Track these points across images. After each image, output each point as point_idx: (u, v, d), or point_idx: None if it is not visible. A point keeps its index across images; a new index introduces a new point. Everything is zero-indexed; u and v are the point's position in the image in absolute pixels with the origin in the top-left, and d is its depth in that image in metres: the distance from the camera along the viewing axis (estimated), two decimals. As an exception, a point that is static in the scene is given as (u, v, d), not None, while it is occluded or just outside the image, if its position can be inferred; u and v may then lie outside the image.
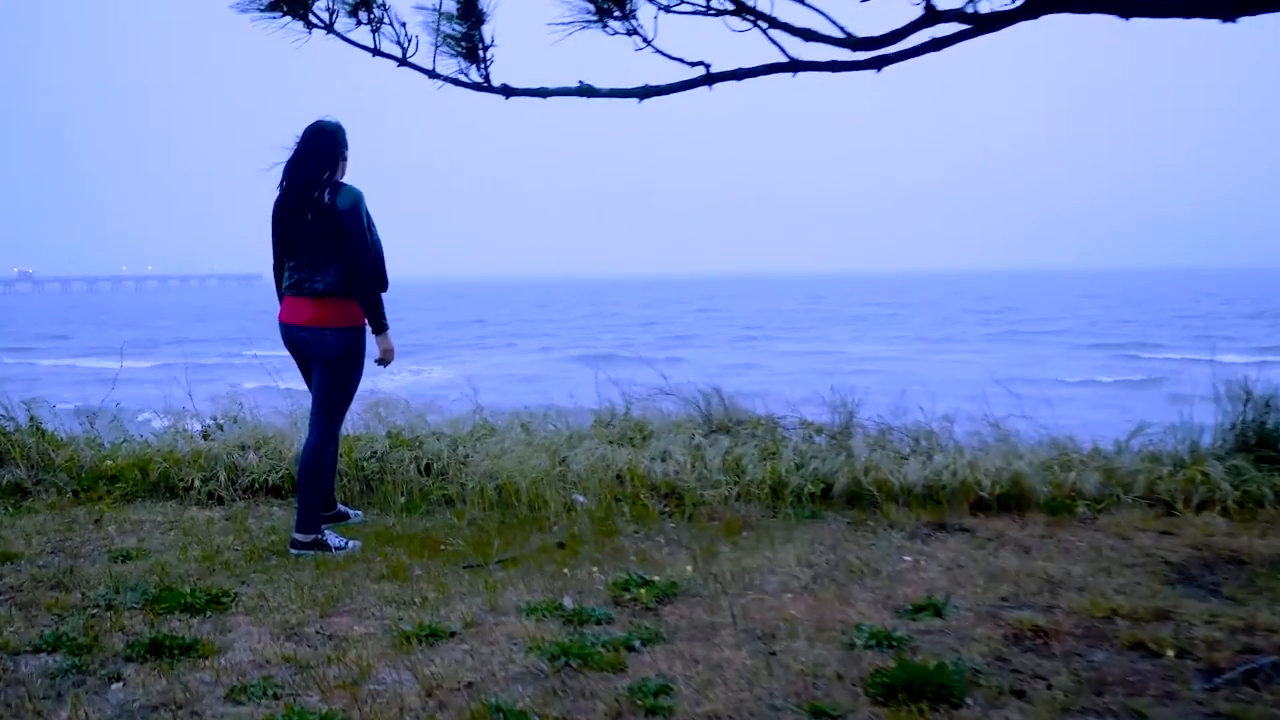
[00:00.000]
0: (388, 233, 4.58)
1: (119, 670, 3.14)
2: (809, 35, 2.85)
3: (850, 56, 3.00)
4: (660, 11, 2.81)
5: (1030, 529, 4.83)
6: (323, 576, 4.13)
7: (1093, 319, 57.26)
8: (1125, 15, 2.68)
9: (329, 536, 4.52)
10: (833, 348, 40.44)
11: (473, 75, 2.86)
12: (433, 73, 2.85)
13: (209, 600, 3.77)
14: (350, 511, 5.02)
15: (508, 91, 2.91)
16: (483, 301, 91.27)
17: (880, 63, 3.01)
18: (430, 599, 3.83)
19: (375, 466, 5.32)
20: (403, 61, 2.83)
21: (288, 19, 3.05)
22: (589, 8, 2.77)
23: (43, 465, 5.61)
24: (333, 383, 4.49)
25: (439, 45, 2.79)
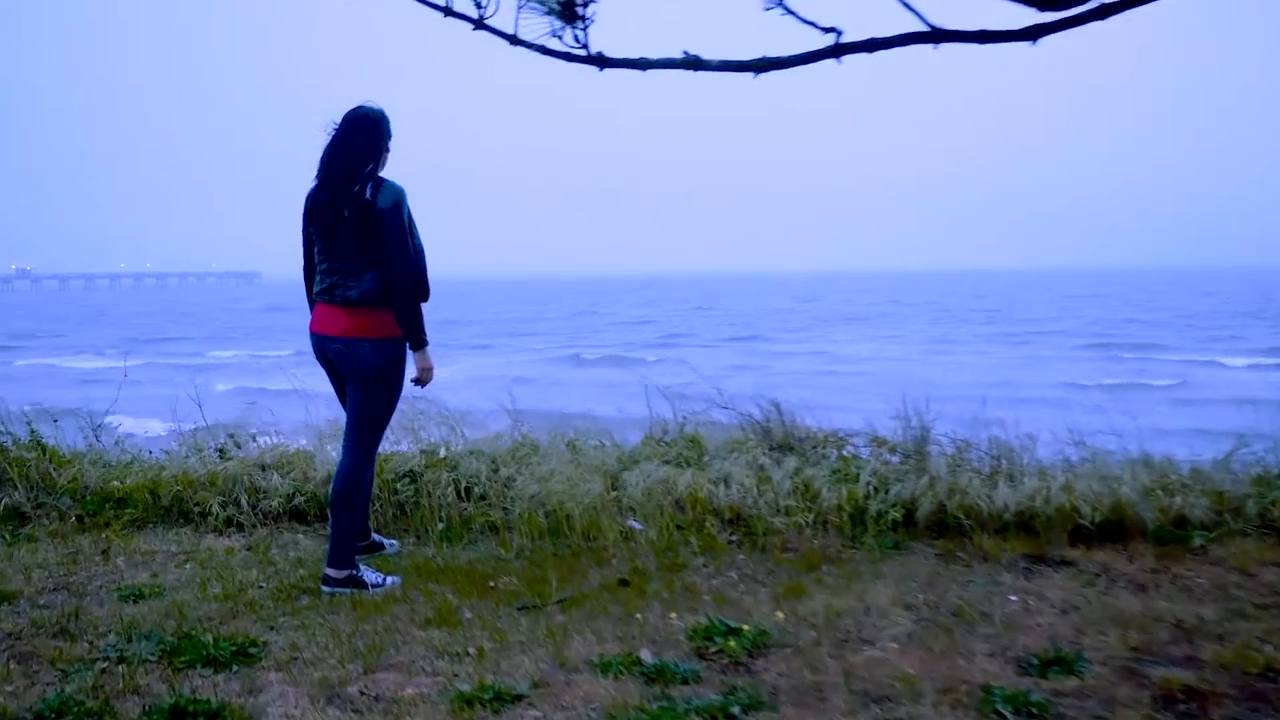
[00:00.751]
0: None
1: (136, 748, 2.67)
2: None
3: (1005, 26, 2.51)
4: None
5: (1139, 562, 4.35)
6: (362, 621, 3.65)
7: (1093, 319, 56.67)
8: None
9: (365, 573, 4.04)
10: (828, 347, 39.73)
11: (566, 38, 2.38)
12: (514, 38, 2.37)
13: (235, 652, 3.29)
14: (385, 541, 4.54)
15: (603, 62, 2.43)
16: (476, 300, 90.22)
17: (1037, 33, 2.52)
18: (487, 650, 3.35)
19: (410, 490, 4.83)
20: (479, 24, 2.36)
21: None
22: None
23: (44, 486, 5.13)
24: (370, 400, 4.01)
25: (525, 2, 2.31)
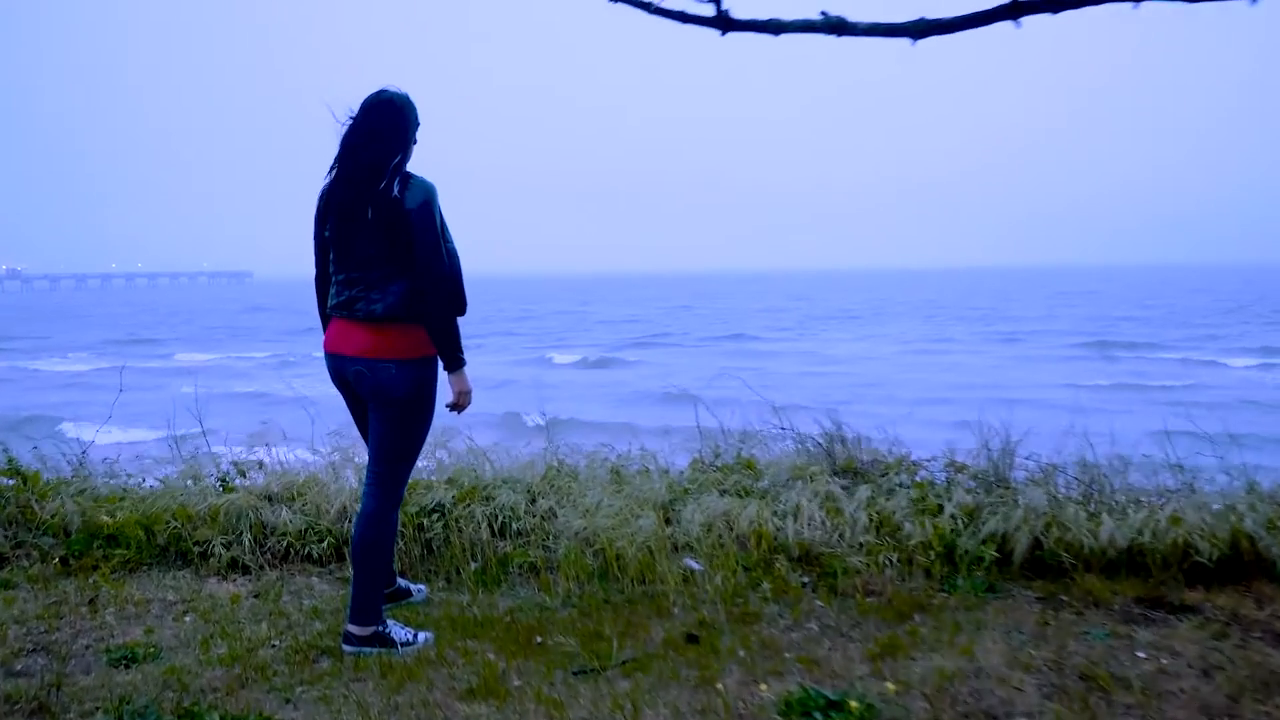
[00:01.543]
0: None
1: None
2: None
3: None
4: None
5: (1270, 608, 3.83)
6: (393, 692, 3.11)
7: (1090, 316, 56.21)
8: None
9: (393, 629, 3.50)
10: (817, 346, 39.10)
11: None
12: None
13: (247, 737, 2.76)
14: (412, 586, 4.00)
15: (728, 24, 1.92)
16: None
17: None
18: (546, 732, 2.83)
19: (438, 526, 4.29)
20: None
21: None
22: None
23: (23, 522, 4.57)
24: (397, 431, 3.47)
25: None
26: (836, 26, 1.95)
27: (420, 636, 3.53)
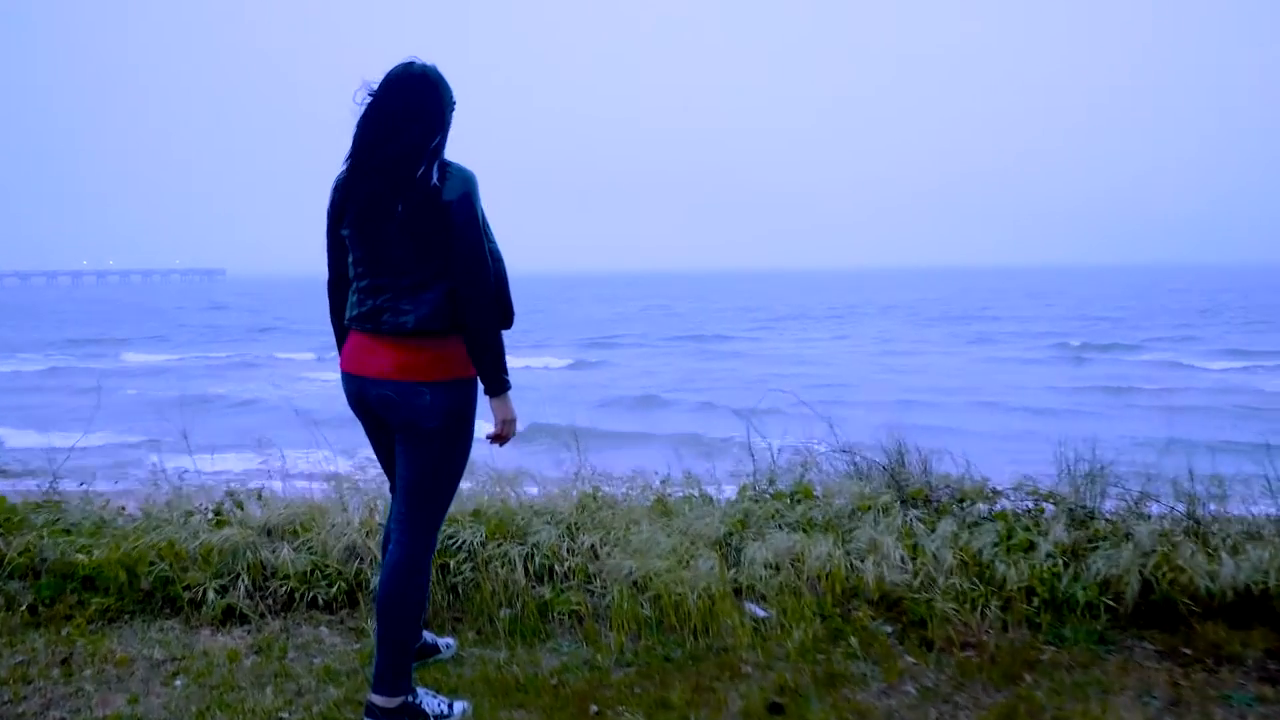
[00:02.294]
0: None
1: None
2: None
3: None
4: None
5: None
6: (432, 785, 2.59)
7: (1068, 314, 55.93)
8: None
9: (423, 698, 2.96)
10: (774, 348, 38.28)
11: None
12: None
13: None
14: (440, 641, 3.45)
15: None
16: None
17: None
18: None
19: (465, 568, 3.75)
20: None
21: None
22: None
23: (-13, 561, 3.98)
24: (431, 465, 2.93)
25: None
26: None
27: (456, 708, 3.00)
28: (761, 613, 3.63)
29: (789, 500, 4.29)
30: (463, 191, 2.80)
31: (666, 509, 4.18)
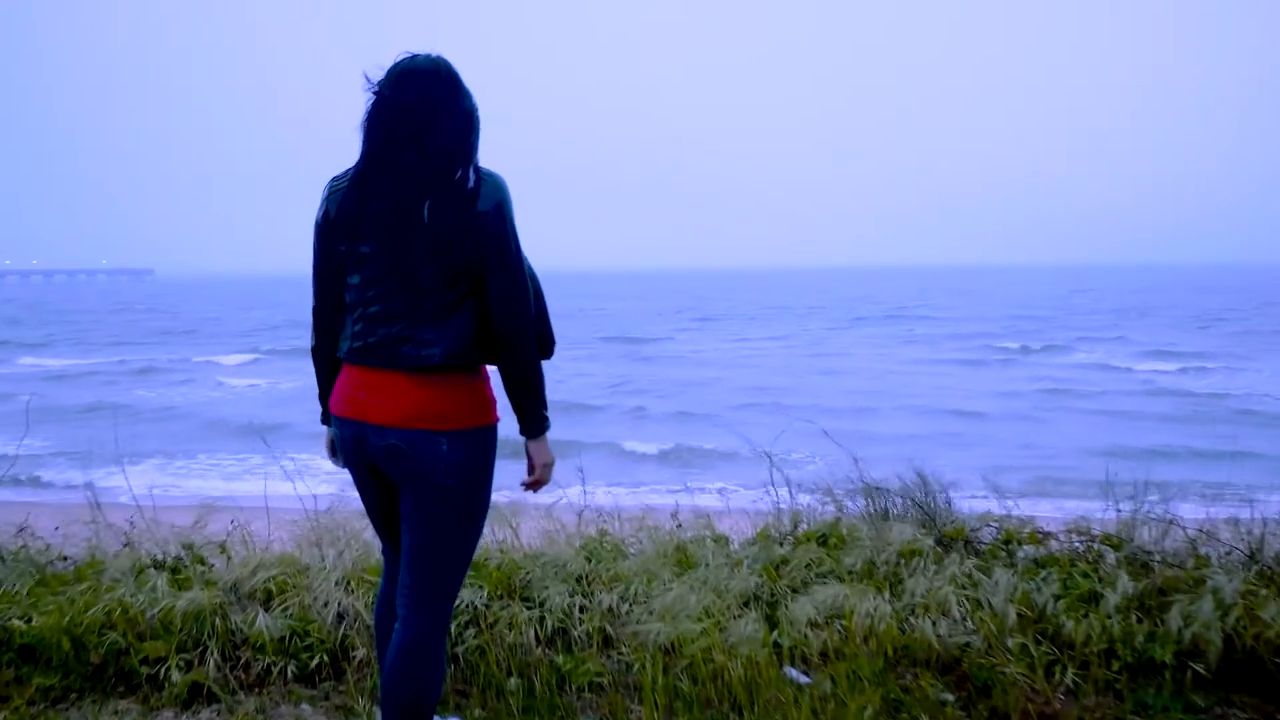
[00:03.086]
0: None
1: None
2: None
3: None
4: None
5: None
6: None
7: (993, 314, 56.14)
8: None
9: (435, 798, 2.51)
10: (688, 350, 37.71)
11: None
12: None
13: None
14: (445, 723, 3.00)
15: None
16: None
17: None
18: None
19: (469, 635, 3.28)
20: None
21: None
22: None
23: (-95, 630, 3.42)
24: (448, 528, 2.48)
25: None
26: None
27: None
28: (804, 678, 3.23)
29: (818, 544, 3.89)
30: (497, 200, 2.36)
31: (686, 557, 3.76)
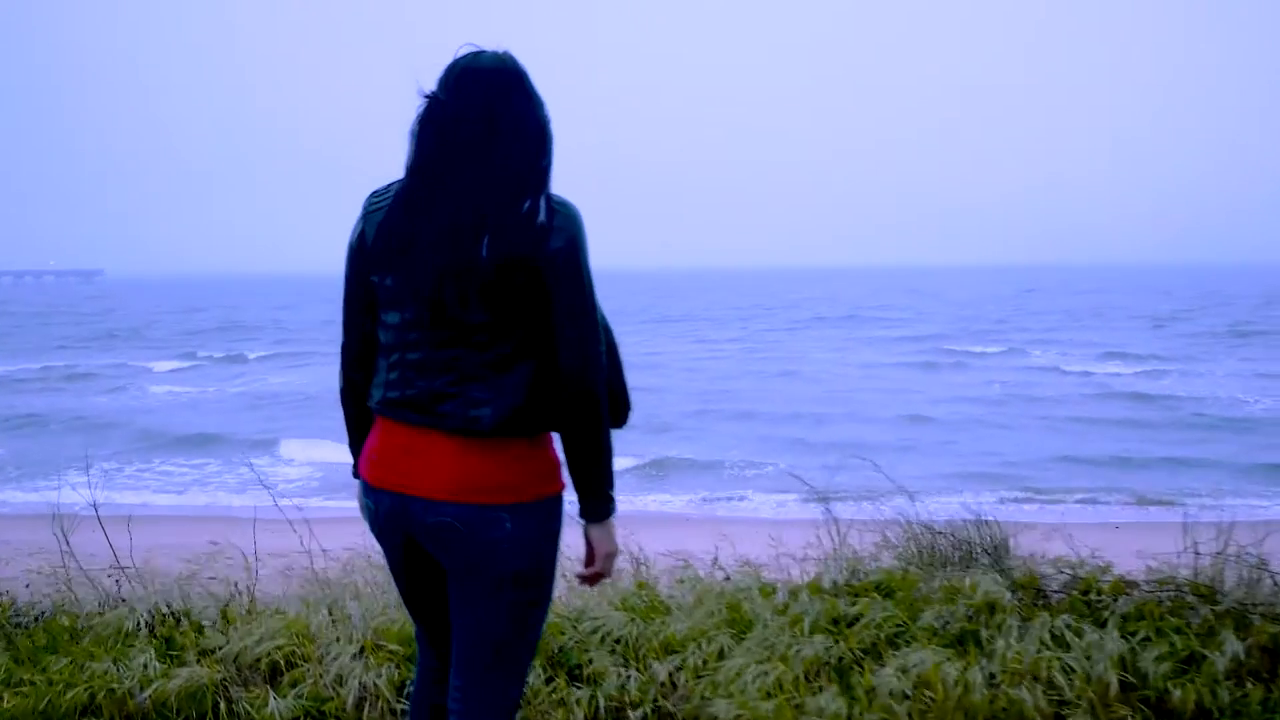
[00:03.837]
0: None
1: None
2: None
3: None
4: None
5: None
6: None
7: (941, 315, 55.96)
8: None
9: None
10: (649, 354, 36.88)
11: None
12: None
13: None
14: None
15: None
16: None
17: None
18: None
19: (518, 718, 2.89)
20: None
21: None
22: None
23: None
24: (512, 620, 2.09)
25: None
26: None
27: None
28: (892, 762, 2.86)
29: (880, 595, 3.54)
30: (570, 235, 1.97)
31: (740, 615, 3.38)
